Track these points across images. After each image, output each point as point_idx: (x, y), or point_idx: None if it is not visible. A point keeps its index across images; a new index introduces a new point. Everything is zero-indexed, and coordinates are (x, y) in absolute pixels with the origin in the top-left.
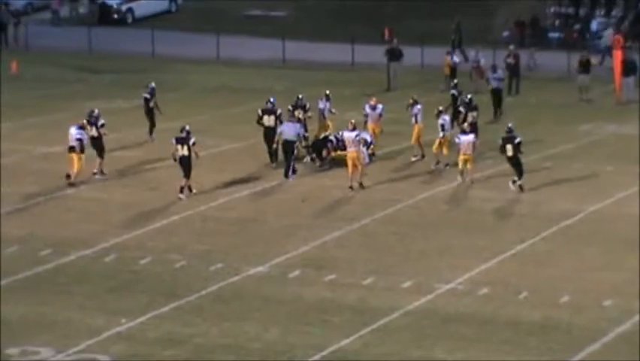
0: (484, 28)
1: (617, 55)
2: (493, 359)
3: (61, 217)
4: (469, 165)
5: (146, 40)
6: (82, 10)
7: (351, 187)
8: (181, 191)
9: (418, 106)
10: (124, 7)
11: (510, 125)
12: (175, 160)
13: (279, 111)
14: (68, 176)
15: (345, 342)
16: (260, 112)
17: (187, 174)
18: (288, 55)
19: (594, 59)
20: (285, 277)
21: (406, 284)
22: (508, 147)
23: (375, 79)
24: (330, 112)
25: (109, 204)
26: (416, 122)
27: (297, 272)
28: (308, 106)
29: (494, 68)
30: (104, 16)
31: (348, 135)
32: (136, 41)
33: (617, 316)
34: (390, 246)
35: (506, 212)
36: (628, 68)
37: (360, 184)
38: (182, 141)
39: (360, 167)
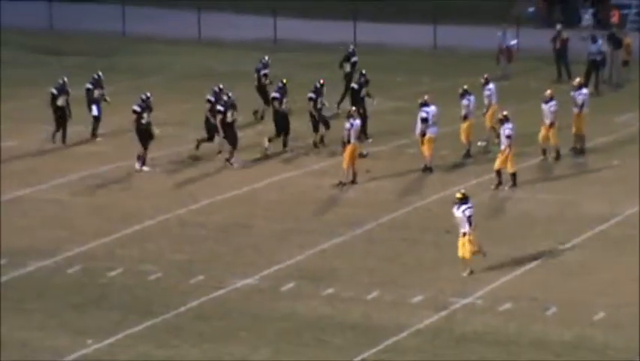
0: (505, 3)
1: None
2: None
3: (16, 223)
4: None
5: (115, 17)
6: None
7: None
8: (143, 163)
9: (471, 97)
10: None
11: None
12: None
13: (69, 90)
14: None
15: None
16: (55, 91)
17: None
18: (280, 34)
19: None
20: (276, 291)
21: (417, 299)
22: None
23: (380, 62)
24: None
25: (72, 207)
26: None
27: (290, 285)
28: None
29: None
30: None
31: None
32: (104, 18)
33: None
34: (398, 254)
35: (532, 215)
36: None
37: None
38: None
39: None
